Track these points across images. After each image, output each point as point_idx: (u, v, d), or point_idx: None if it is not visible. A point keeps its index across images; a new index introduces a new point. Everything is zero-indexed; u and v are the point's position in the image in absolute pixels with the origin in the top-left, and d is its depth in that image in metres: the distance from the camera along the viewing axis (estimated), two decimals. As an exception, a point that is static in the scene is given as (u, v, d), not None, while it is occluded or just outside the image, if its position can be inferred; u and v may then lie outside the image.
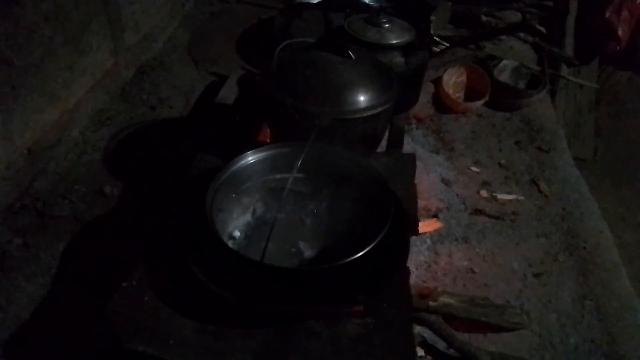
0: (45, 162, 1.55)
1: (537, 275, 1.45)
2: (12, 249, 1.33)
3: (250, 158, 1.14)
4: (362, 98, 1.22)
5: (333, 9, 1.74)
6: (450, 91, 2.09)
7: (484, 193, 1.71)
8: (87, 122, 1.75)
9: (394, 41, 1.50)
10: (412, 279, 1.34)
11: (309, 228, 1.17)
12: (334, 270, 0.92)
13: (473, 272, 1.43)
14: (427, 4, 1.97)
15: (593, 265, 1.51)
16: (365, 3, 1.89)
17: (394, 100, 1.29)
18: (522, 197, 1.72)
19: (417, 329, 1.24)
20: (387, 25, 1.53)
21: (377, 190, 1.08)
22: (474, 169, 1.82)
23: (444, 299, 1.27)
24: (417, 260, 1.42)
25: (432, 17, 1.92)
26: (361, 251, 0.91)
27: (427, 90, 2.07)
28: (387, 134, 1.56)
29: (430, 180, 1.71)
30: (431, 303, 1.25)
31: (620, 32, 2.72)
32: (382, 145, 1.55)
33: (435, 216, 1.58)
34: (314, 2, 2.01)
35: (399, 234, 1.04)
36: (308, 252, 1.12)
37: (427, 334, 1.24)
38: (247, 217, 1.18)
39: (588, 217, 1.69)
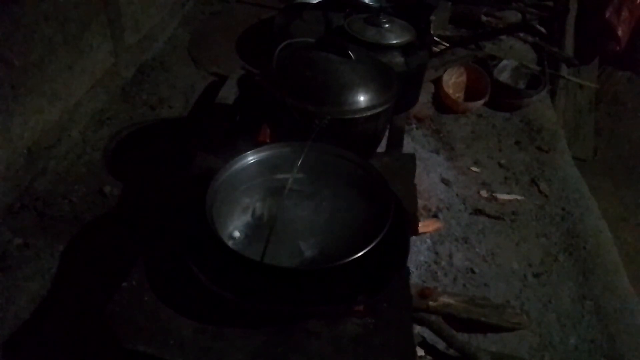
0: (45, 162, 1.55)
1: (537, 275, 1.45)
2: (12, 249, 1.33)
3: (250, 158, 1.13)
4: (362, 98, 1.22)
5: (333, 9, 1.74)
6: (450, 91, 2.09)
7: (484, 193, 1.71)
8: (87, 122, 1.75)
9: (394, 41, 1.50)
10: (412, 279, 1.34)
11: (309, 228, 1.17)
12: (334, 270, 0.92)
13: (473, 272, 1.43)
14: (427, 4, 1.97)
15: (593, 265, 1.51)
16: (365, 3, 1.89)
17: (394, 100, 1.29)
18: (522, 197, 1.72)
19: (417, 329, 1.24)
20: (387, 25, 1.53)
21: (377, 190, 1.08)
22: (474, 169, 1.82)
23: (444, 299, 1.27)
24: (417, 260, 1.42)
25: (432, 17, 1.91)
26: (361, 251, 0.91)
27: (427, 90, 2.07)
28: (387, 134, 1.56)
29: (430, 180, 1.71)
30: (431, 303, 1.25)
31: (620, 32, 2.72)
32: (382, 145, 1.54)
33: (435, 216, 1.58)
34: (314, 2, 2.01)
35: (399, 234, 1.04)
36: (308, 252, 1.11)
37: (427, 334, 1.24)
38: (247, 217, 1.18)
39: (588, 217, 1.69)
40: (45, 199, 1.47)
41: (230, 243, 1.09)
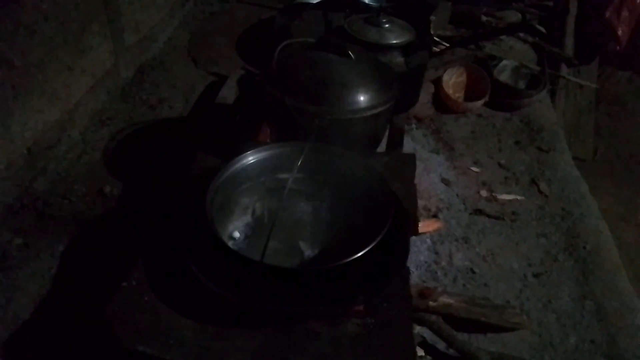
0: (45, 162, 1.55)
1: (537, 275, 1.45)
2: (12, 249, 1.33)
3: (250, 158, 1.14)
4: (362, 98, 1.22)
5: (333, 9, 1.74)
6: (450, 91, 2.09)
7: (484, 193, 1.71)
8: (87, 122, 1.75)
9: (394, 41, 1.50)
10: (412, 279, 1.34)
11: (309, 228, 1.17)
12: (334, 270, 0.92)
13: (473, 272, 1.43)
14: (427, 4, 1.97)
15: (593, 265, 1.51)
16: (365, 3, 1.89)
17: (394, 100, 1.29)
18: (522, 197, 1.72)
19: (417, 329, 1.24)
20: (387, 25, 1.53)
21: (377, 190, 1.08)
22: (474, 169, 1.82)
23: (444, 299, 1.26)
24: (417, 260, 1.42)
25: (432, 17, 1.92)
26: (361, 251, 0.91)
27: (427, 90, 2.07)
28: (387, 134, 1.56)
29: (430, 180, 1.71)
30: (431, 303, 1.25)
31: (620, 32, 2.72)
32: (382, 145, 1.55)
33: (435, 216, 1.58)
34: (314, 2, 2.02)
35: (399, 234, 1.04)
36: (308, 252, 1.12)
37: (427, 334, 1.24)
38: (247, 217, 1.18)
39: (588, 217, 1.69)
40: (45, 199, 1.47)
41: (230, 243, 1.09)
